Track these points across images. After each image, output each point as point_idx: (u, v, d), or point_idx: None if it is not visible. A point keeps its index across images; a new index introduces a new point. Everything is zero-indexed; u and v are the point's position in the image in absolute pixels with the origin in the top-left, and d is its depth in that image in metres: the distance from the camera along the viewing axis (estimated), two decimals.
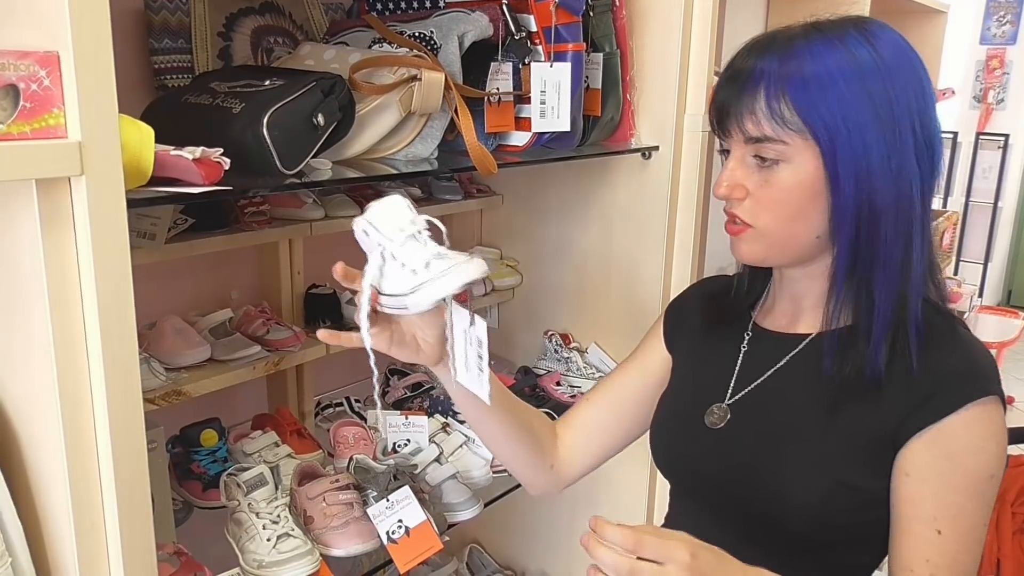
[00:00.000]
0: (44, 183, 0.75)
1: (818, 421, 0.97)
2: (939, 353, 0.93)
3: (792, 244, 0.97)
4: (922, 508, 0.91)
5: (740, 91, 0.93)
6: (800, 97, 0.90)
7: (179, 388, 1.33)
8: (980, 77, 5.61)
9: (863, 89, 0.89)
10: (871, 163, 0.90)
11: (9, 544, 0.84)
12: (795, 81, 0.90)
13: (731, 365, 1.08)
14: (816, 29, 0.93)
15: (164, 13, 1.38)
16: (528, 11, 1.48)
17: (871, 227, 0.92)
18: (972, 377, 0.92)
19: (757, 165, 0.95)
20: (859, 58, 0.90)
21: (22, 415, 0.86)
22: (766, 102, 0.91)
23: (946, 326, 0.96)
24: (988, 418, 0.91)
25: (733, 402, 1.06)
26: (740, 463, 1.01)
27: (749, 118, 0.93)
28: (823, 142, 0.90)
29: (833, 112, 0.89)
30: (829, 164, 0.91)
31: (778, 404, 1.02)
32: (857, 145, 0.89)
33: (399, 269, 0.86)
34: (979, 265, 5.62)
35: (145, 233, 1.31)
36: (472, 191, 2.02)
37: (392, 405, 1.81)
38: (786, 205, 0.94)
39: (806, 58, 0.90)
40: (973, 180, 5.60)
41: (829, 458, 0.95)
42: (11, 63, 0.70)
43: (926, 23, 3.38)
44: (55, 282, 0.77)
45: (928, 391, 0.91)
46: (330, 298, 1.67)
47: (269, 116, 1.07)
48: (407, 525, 1.31)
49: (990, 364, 0.94)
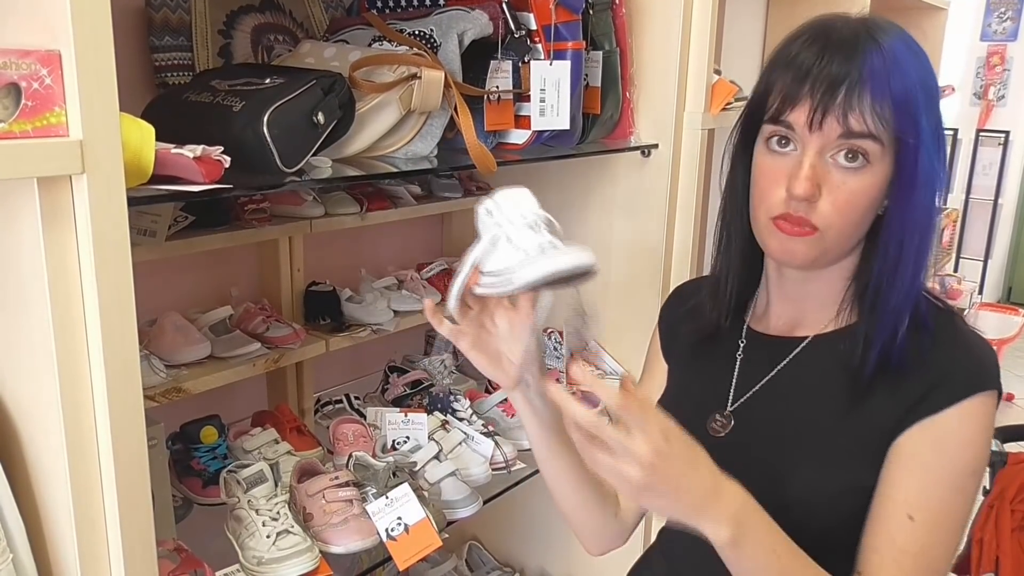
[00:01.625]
0: (45, 181, 0.75)
1: (827, 423, 0.96)
2: (945, 347, 0.93)
3: (840, 247, 0.95)
4: (897, 491, 0.91)
5: (841, 86, 0.89)
6: (901, 101, 0.89)
7: (179, 385, 1.34)
8: (980, 74, 5.61)
9: (933, 105, 0.92)
10: (934, 173, 0.91)
11: (10, 540, 0.84)
12: (898, 84, 0.89)
13: (728, 373, 1.06)
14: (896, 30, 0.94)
15: (165, 11, 1.39)
16: (528, 9, 1.48)
17: (923, 234, 0.93)
18: (974, 371, 0.92)
19: (835, 165, 0.91)
20: (927, 71, 0.92)
21: (23, 412, 0.86)
22: (874, 99, 0.89)
23: (947, 321, 0.96)
24: (983, 412, 0.91)
25: (734, 409, 1.04)
26: (745, 470, 0.97)
27: (853, 114, 0.89)
28: (908, 152, 0.90)
29: (920, 121, 0.89)
30: (907, 174, 0.91)
31: (780, 409, 1.01)
32: (931, 159, 0.90)
33: (511, 250, 0.85)
34: (979, 262, 5.62)
35: (146, 230, 1.31)
36: (472, 188, 2.02)
37: (391, 402, 1.82)
38: (857, 208, 0.92)
39: (900, 62, 0.90)
40: (973, 177, 5.60)
41: (838, 460, 0.94)
42: (13, 62, 0.70)
43: (926, 19, 3.38)
44: (56, 279, 0.78)
45: (931, 384, 0.91)
46: (330, 295, 1.68)
47: (269, 114, 1.07)
48: (406, 522, 1.31)
49: (992, 358, 0.95)
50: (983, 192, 5.61)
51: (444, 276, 1.92)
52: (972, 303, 4.56)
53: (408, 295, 1.78)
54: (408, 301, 1.76)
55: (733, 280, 1.07)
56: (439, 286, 1.87)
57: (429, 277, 1.90)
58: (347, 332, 1.64)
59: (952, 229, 3.64)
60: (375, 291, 1.75)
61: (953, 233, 3.68)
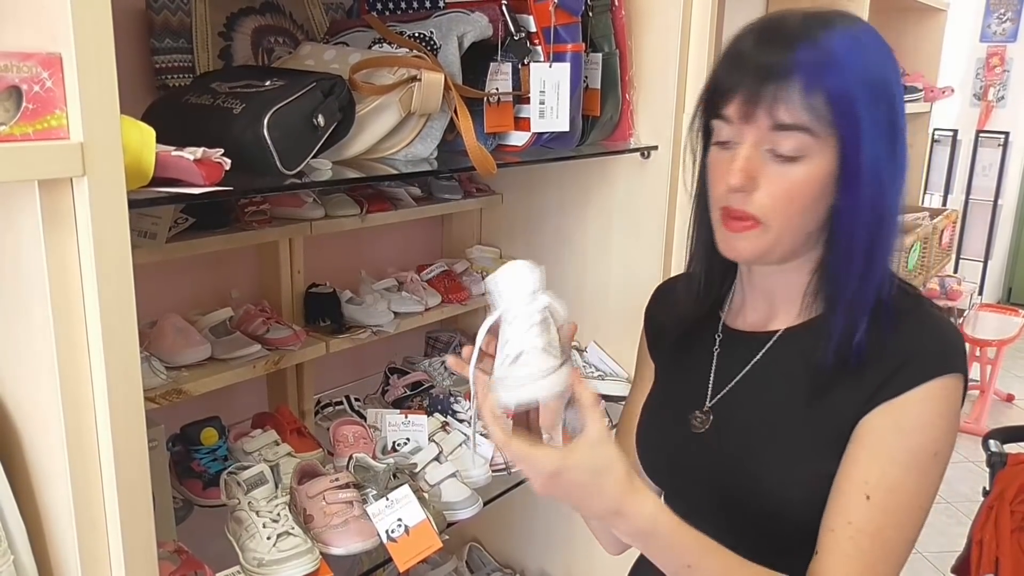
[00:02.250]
0: (46, 184, 0.75)
1: (795, 414, 0.97)
2: (908, 331, 0.93)
3: (790, 241, 0.95)
4: (856, 470, 0.90)
5: (770, 77, 0.89)
6: (839, 93, 0.88)
7: (179, 387, 1.34)
8: (980, 75, 5.62)
9: (884, 98, 0.90)
10: (881, 167, 0.90)
11: (11, 541, 0.84)
12: (835, 76, 0.88)
13: (707, 369, 1.07)
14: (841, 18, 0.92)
15: (165, 13, 1.39)
16: (527, 11, 1.49)
17: (872, 228, 0.92)
18: (938, 354, 0.92)
19: (772, 157, 0.91)
20: (879, 62, 0.91)
21: (24, 413, 0.86)
22: (803, 92, 0.88)
23: (913, 304, 0.96)
24: (944, 395, 0.90)
25: (713, 405, 1.05)
26: (724, 464, 1.01)
27: (782, 106, 0.89)
28: (849, 142, 0.89)
29: (860, 114, 0.88)
30: (850, 165, 0.90)
31: (755, 402, 1.02)
32: (877, 149, 0.89)
33: (502, 345, 0.85)
34: (979, 263, 5.63)
35: (146, 232, 1.31)
36: (471, 190, 2.03)
37: (391, 404, 1.82)
38: (798, 200, 0.91)
39: (842, 54, 0.89)
40: (973, 178, 5.61)
41: (807, 450, 0.95)
42: (14, 64, 0.71)
43: (926, 21, 3.39)
44: (57, 281, 0.78)
45: (895, 367, 0.91)
46: (330, 297, 1.68)
47: (270, 116, 1.08)
48: (406, 524, 1.31)
49: (956, 342, 0.95)
50: (983, 193, 5.62)
51: (444, 278, 1.92)
52: (972, 304, 4.56)
53: (408, 297, 1.78)
54: (408, 303, 1.76)
55: (704, 276, 1.08)
56: (439, 287, 1.87)
57: (429, 279, 1.90)
58: (347, 334, 1.64)
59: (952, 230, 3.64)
60: (375, 293, 1.75)
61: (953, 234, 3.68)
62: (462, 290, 1.90)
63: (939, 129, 4.96)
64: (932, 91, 3.29)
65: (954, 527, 3.27)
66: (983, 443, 2.24)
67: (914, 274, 3.10)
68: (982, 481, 2.22)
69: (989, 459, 2.19)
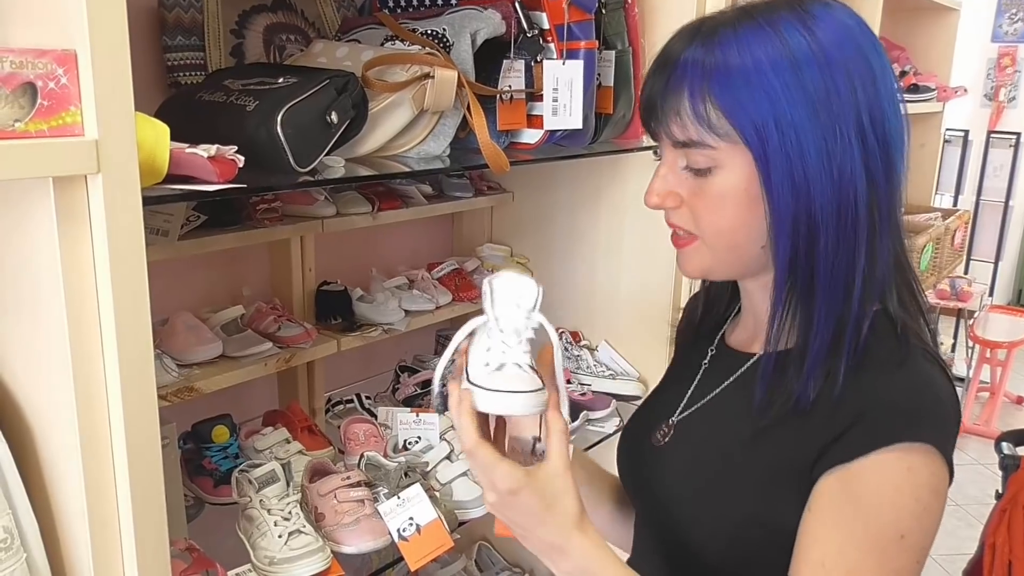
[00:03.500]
0: (61, 181, 0.75)
1: (739, 449, 0.89)
2: (873, 383, 0.81)
3: (736, 255, 0.88)
4: (813, 549, 0.80)
5: (664, 88, 0.83)
6: (725, 96, 0.80)
7: (191, 384, 1.34)
8: (991, 75, 5.59)
9: (797, 82, 0.78)
10: (808, 167, 0.79)
11: (24, 539, 0.84)
12: (719, 77, 0.80)
13: (689, 382, 1.01)
14: (746, 13, 0.82)
15: (177, 10, 1.39)
16: (540, 8, 1.48)
17: (809, 239, 0.81)
18: (901, 416, 0.79)
19: (689, 171, 0.85)
20: (791, 45, 0.79)
21: (38, 411, 0.86)
22: (691, 103, 0.81)
23: (897, 353, 0.83)
24: (907, 468, 0.78)
25: (678, 420, 0.99)
26: (667, 486, 0.96)
27: (674, 121, 0.83)
28: (753, 145, 0.80)
29: (762, 111, 0.79)
30: (762, 169, 0.81)
31: (710, 427, 0.95)
32: (792, 147, 0.79)
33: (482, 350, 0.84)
34: (990, 264, 5.59)
35: (158, 230, 1.31)
36: (483, 188, 2.02)
37: (402, 402, 1.82)
38: (723, 214, 0.84)
39: (731, 49, 0.80)
40: (984, 179, 5.58)
41: (742, 489, 0.87)
42: (29, 61, 0.70)
43: (938, 21, 3.37)
44: (71, 279, 0.77)
45: (848, 423, 0.80)
46: (341, 295, 1.68)
47: (283, 114, 1.07)
48: (418, 522, 1.31)
49: (935, 407, 0.81)
50: (994, 194, 5.59)
51: (455, 276, 1.92)
52: (982, 305, 4.54)
53: (419, 295, 1.78)
54: (419, 301, 1.76)
55: (710, 287, 1.05)
56: (450, 286, 1.87)
57: (440, 277, 1.90)
58: (358, 332, 1.64)
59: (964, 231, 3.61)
60: (386, 291, 1.75)
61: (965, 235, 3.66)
62: (473, 288, 1.89)
63: (950, 129, 4.93)
64: (945, 91, 3.27)
65: (964, 530, 3.26)
66: (996, 446, 2.23)
67: (926, 275, 3.09)
68: (992, 483, 2.21)
69: (1002, 462, 2.17)
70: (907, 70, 3.12)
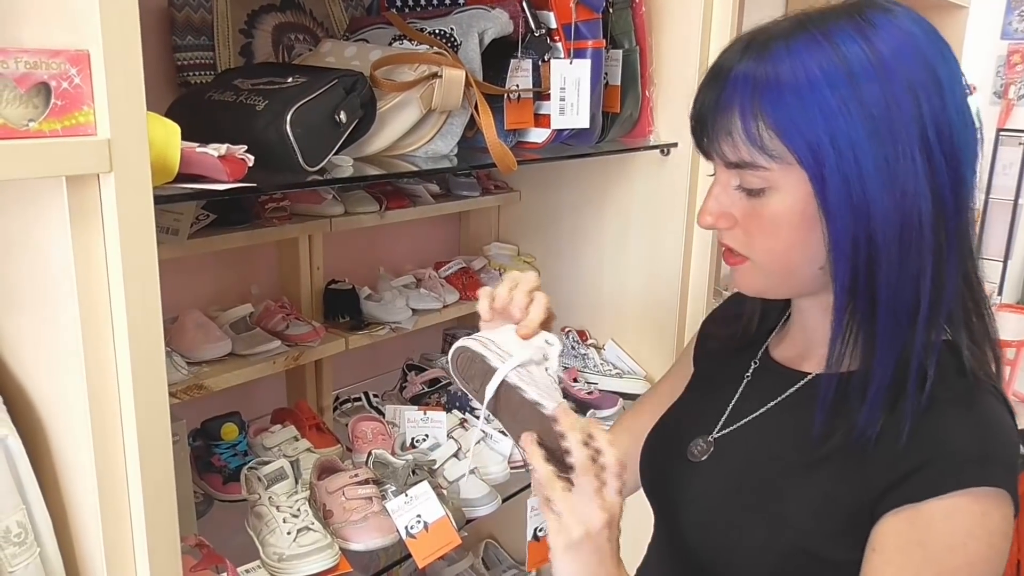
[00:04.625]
0: (73, 180, 0.76)
1: (794, 475, 0.86)
2: (941, 423, 0.78)
3: (793, 277, 0.85)
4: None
5: (715, 105, 0.81)
6: (778, 114, 0.76)
7: (200, 382, 1.35)
8: (1001, 72, 5.56)
9: (854, 96, 0.74)
10: (867, 187, 0.75)
11: (38, 534, 0.85)
12: (770, 94, 0.76)
13: (731, 394, 0.98)
14: (800, 24, 0.78)
15: (187, 10, 1.39)
16: (548, 8, 1.48)
17: (870, 262, 0.78)
18: (971, 460, 0.76)
19: (743, 191, 0.83)
20: (848, 57, 0.75)
21: (51, 408, 0.87)
22: (742, 122, 0.78)
23: (963, 391, 0.80)
24: (979, 512, 0.75)
25: (720, 436, 0.96)
26: (706, 504, 0.93)
27: (726, 140, 0.81)
28: (808, 166, 0.77)
29: (816, 129, 0.75)
30: (818, 191, 0.77)
31: (760, 448, 0.91)
32: (849, 167, 0.75)
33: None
34: (999, 263, 5.57)
35: (168, 228, 1.32)
36: (490, 187, 2.03)
37: (410, 400, 1.82)
38: (778, 236, 0.82)
39: (783, 63, 0.76)
40: (993, 177, 5.55)
41: (795, 519, 0.84)
42: (43, 62, 0.71)
43: (947, 18, 3.35)
44: (83, 277, 0.78)
45: (916, 464, 0.77)
46: (349, 293, 1.68)
47: (292, 113, 1.08)
48: (426, 520, 1.31)
49: (1004, 449, 0.78)
50: (1003, 192, 5.56)
51: (462, 275, 1.92)
52: (991, 304, 4.52)
53: (426, 293, 1.78)
54: (426, 299, 1.76)
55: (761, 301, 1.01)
56: (457, 284, 1.87)
57: (447, 275, 1.90)
58: (366, 330, 1.65)
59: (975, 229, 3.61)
60: (393, 289, 1.76)
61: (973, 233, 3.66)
62: (480, 287, 1.89)
63: None
64: None
65: None
66: None
67: None
68: None
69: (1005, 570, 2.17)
70: None
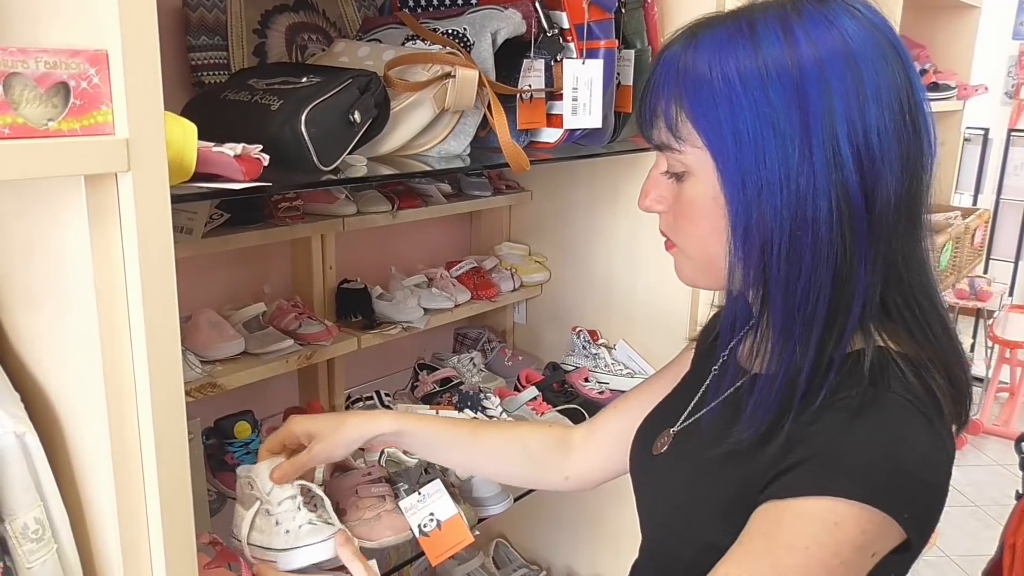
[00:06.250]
0: (92, 179, 0.76)
1: (711, 471, 0.87)
2: (830, 428, 0.76)
3: (713, 266, 0.84)
4: (720, 567, 0.78)
5: (648, 89, 0.84)
6: (691, 101, 0.79)
7: (214, 380, 1.36)
8: (1012, 72, 5.53)
9: (764, 97, 0.75)
10: (762, 180, 0.76)
11: (55, 531, 0.85)
12: (688, 82, 0.79)
13: (696, 391, 0.99)
14: (734, 17, 0.80)
15: (201, 10, 1.40)
16: (561, 8, 1.48)
17: (763, 255, 0.78)
18: (843, 470, 0.73)
19: (669, 176, 0.85)
20: (766, 58, 0.75)
21: (68, 406, 0.87)
22: (664, 106, 0.81)
23: (868, 401, 0.76)
24: (831, 521, 0.72)
25: (678, 430, 0.97)
26: (659, 497, 0.96)
27: (653, 123, 0.84)
28: (713, 153, 0.79)
29: (722, 119, 0.77)
30: (719, 178, 0.79)
31: (702, 442, 0.91)
32: (747, 158, 0.76)
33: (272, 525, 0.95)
34: (1010, 263, 5.54)
35: (182, 227, 1.33)
36: (501, 187, 2.03)
37: (421, 399, 1.83)
38: (696, 222, 0.84)
39: (704, 55, 0.78)
40: (1004, 177, 5.53)
41: (704, 512, 0.86)
42: (63, 61, 0.72)
43: (958, 18, 3.35)
44: (101, 275, 0.79)
45: (792, 463, 0.76)
46: (361, 293, 1.69)
47: (307, 113, 1.08)
48: (439, 518, 1.32)
49: (886, 465, 0.74)
50: (1014, 192, 5.53)
51: (473, 274, 1.93)
52: (1002, 305, 4.50)
53: (438, 293, 1.79)
54: (438, 299, 1.77)
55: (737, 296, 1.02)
56: (468, 284, 1.88)
57: (458, 275, 1.91)
58: (378, 329, 1.65)
59: (984, 230, 3.59)
60: (405, 289, 1.76)
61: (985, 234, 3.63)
62: (491, 287, 1.90)
63: (970, 127, 4.89)
64: (965, 89, 3.25)
65: (982, 531, 3.24)
66: (1016, 446, 2.21)
67: (945, 274, 3.07)
68: (1011, 484, 2.19)
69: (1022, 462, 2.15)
70: (927, 68, 3.10)
